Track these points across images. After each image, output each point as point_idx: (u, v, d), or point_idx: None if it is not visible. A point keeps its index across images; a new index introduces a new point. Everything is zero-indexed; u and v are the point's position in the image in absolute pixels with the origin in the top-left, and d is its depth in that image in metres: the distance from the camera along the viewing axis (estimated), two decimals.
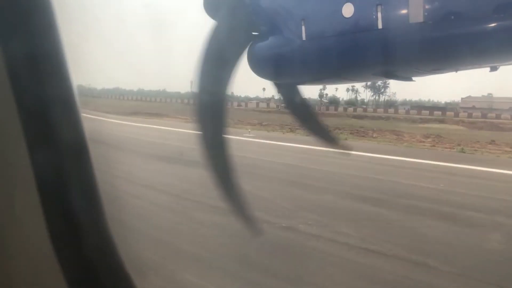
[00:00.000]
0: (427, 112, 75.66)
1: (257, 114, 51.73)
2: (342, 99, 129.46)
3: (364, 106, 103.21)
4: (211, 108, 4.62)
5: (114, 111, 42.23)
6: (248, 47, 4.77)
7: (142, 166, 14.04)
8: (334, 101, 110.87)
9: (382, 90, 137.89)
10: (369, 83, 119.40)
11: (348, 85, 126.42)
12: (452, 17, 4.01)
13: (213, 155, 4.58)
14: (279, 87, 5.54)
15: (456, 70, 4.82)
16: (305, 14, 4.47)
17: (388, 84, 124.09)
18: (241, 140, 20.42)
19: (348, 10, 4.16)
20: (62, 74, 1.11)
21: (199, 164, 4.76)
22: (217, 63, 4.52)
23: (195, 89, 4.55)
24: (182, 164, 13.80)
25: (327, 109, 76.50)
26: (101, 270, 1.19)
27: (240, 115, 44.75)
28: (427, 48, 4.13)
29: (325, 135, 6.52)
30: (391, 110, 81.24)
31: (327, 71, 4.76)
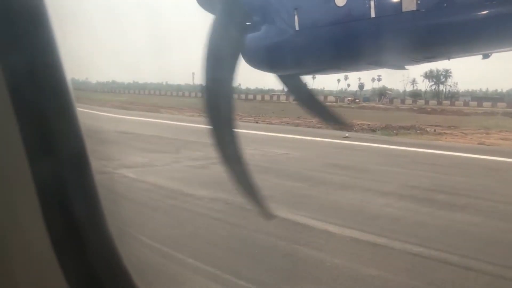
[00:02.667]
0: (489, 104, 70.51)
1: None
2: (404, 90, 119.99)
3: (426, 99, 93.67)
4: (218, 101, 4.61)
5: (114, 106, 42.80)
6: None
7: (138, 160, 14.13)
8: (398, 94, 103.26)
9: (443, 79, 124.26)
10: (428, 72, 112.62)
11: (406, 75, 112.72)
12: (445, 4, 4.01)
13: (223, 145, 4.58)
14: (281, 76, 5.55)
15: (449, 58, 4.84)
16: (298, 4, 4.45)
17: (450, 73, 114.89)
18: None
19: None
20: (58, 74, 1.11)
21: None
22: (218, 56, 4.51)
23: (202, 83, 4.56)
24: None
25: (392, 102, 71.05)
26: (103, 273, 1.20)
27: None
28: (420, 36, 4.14)
29: (330, 116, 6.52)
30: (459, 103, 74.33)
31: (320, 61, 4.75)
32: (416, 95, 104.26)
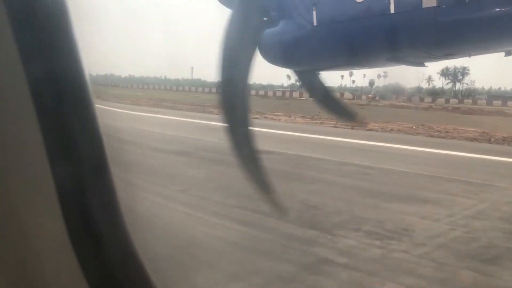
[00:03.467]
0: None
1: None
2: (419, 87, 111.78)
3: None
4: (234, 95, 4.61)
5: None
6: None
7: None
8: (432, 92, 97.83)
9: (460, 77, 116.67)
10: (445, 69, 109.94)
11: (421, 72, 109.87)
12: (467, 1, 3.94)
13: (238, 141, 4.59)
14: (297, 72, 5.53)
15: (470, 55, 4.75)
16: None
17: (468, 70, 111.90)
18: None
19: None
20: (79, 77, 1.12)
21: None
22: (235, 51, 4.49)
23: (218, 77, 4.56)
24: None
25: (410, 100, 67.14)
26: (121, 273, 1.21)
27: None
28: (440, 33, 4.07)
29: (346, 113, 6.46)
30: (482, 102, 69.40)
31: (338, 57, 4.71)
32: (434, 93, 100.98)
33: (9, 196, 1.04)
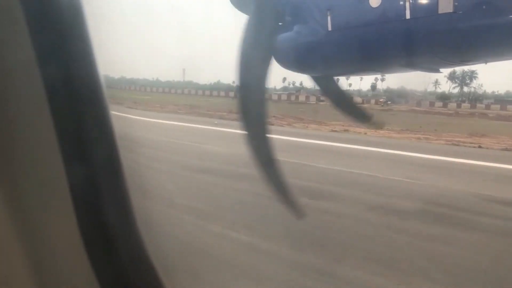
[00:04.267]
0: None
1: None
2: (425, 90, 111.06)
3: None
4: (251, 100, 4.64)
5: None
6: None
7: None
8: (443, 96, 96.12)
9: (468, 81, 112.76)
10: (452, 73, 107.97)
11: (427, 76, 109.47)
12: (484, 7, 3.89)
13: (256, 145, 4.61)
14: (313, 77, 5.53)
15: (486, 62, 4.70)
16: (331, 4, 4.40)
17: (476, 74, 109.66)
18: None
19: (375, 0, 4.08)
20: (94, 81, 1.13)
21: None
22: (252, 56, 4.52)
23: (236, 82, 4.61)
24: None
25: (420, 105, 63.61)
26: (133, 275, 1.22)
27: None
28: (457, 39, 4.03)
29: (361, 115, 6.44)
30: (495, 106, 65.76)
31: (352, 63, 4.69)
32: (444, 97, 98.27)
33: (24, 198, 1.06)
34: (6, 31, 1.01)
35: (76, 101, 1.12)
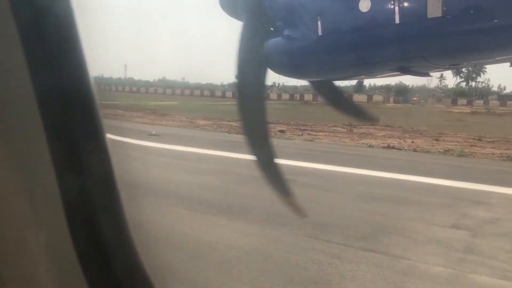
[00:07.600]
0: None
1: None
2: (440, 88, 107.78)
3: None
4: (249, 102, 4.67)
5: None
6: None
7: None
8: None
9: (475, 76, 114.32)
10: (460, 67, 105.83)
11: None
12: (472, 11, 3.94)
13: (256, 145, 4.63)
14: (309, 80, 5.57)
15: (475, 65, 4.75)
16: (322, 9, 4.43)
17: (485, 69, 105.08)
18: None
19: (365, 5, 4.11)
20: (87, 93, 1.12)
21: None
22: (248, 62, 4.56)
23: (235, 84, 4.66)
24: None
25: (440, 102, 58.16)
26: (126, 284, 1.21)
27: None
28: (445, 43, 4.07)
29: (358, 112, 6.48)
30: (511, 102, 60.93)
31: (342, 67, 4.71)
32: (464, 94, 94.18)
33: (16, 209, 1.05)
34: None
35: (67, 110, 1.11)
